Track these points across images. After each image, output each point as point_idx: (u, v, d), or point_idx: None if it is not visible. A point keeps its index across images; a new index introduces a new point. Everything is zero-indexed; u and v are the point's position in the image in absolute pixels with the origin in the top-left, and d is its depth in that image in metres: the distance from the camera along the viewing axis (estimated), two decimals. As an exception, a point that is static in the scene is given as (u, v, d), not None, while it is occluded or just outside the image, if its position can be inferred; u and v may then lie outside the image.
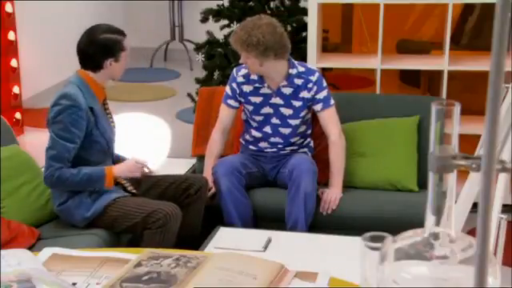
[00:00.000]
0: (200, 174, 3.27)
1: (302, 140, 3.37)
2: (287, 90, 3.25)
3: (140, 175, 2.99)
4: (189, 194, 3.08)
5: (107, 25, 2.98)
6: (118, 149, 3.14)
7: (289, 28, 4.43)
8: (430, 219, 0.90)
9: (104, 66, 2.89)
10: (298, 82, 3.24)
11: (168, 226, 2.78)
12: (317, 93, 3.24)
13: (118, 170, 2.93)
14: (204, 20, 4.57)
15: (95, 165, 2.90)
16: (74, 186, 2.85)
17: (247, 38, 3.10)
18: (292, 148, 3.34)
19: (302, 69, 3.25)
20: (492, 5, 1.33)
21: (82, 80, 2.90)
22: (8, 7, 5.21)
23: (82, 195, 2.88)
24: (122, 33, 2.96)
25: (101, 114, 2.93)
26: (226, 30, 4.61)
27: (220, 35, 4.64)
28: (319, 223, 3.19)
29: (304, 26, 4.27)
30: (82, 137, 2.83)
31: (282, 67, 3.21)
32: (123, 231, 2.90)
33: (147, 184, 3.10)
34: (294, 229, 3.11)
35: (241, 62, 3.22)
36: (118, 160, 3.08)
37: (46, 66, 6.31)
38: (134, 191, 3.03)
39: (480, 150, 2.23)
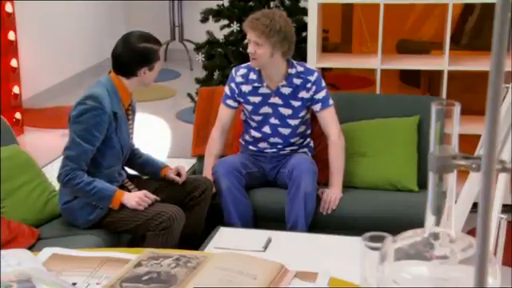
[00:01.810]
0: (204, 177, 3.26)
1: (301, 140, 3.37)
2: (286, 90, 3.25)
3: (143, 209, 2.88)
4: (193, 196, 3.08)
5: (144, 32, 2.97)
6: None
7: (289, 28, 4.43)
8: (429, 219, 0.90)
9: (138, 74, 2.89)
10: (297, 81, 3.24)
11: (171, 228, 2.78)
12: (316, 93, 3.24)
13: (126, 197, 2.86)
14: (204, 20, 4.58)
15: (106, 168, 2.89)
16: (81, 193, 2.83)
17: (270, 22, 3.09)
18: (292, 148, 3.34)
19: (300, 69, 3.25)
20: (492, 5, 1.33)
21: (112, 83, 2.90)
22: (8, 7, 5.21)
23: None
24: (158, 42, 2.96)
25: (123, 119, 2.92)
26: (226, 30, 4.61)
27: (220, 35, 4.64)
28: (319, 223, 3.19)
29: (304, 26, 4.27)
30: (101, 140, 2.82)
31: (282, 66, 3.22)
32: (125, 232, 2.91)
33: (153, 186, 3.08)
34: (294, 229, 3.11)
35: (249, 51, 3.13)
36: (153, 165, 3.16)
37: (46, 66, 6.31)
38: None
39: (480, 150, 2.23)
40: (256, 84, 3.26)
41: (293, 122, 3.28)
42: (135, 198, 2.84)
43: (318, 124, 3.33)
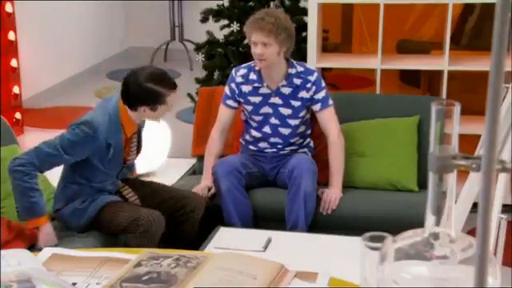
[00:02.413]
0: (196, 194, 3.20)
1: (301, 140, 3.36)
2: (286, 90, 3.24)
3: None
4: (184, 211, 3.07)
5: (159, 73, 2.89)
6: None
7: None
8: (430, 219, 0.90)
9: (138, 110, 2.85)
10: (297, 81, 3.24)
11: (150, 232, 2.80)
12: (315, 93, 3.24)
13: (41, 234, 2.78)
14: (204, 20, 4.57)
15: (97, 183, 2.89)
16: (19, 190, 2.75)
17: (275, 20, 3.08)
18: (292, 148, 3.34)
19: (300, 69, 3.25)
20: (492, 5, 1.33)
21: (117, 111, 2.86)
22: (8, 7, 5.21)
23: (75, 203, 2.90)
24: (171, 85, 2.86)
25: (118, 149, 2.88)
26: (226, 30, 4.61)
27: (220, 35, 4.64)
28: (319, 223, 3.19)
29: (304, 26, 4.27)
30: (78, 159, 2.82)
31: (283, 66, 3.22)
32: (116, 234, 2.93)
33: (146, 190, 3.10)
34: (294, 229, 3.11)
35: (257, 52, 3.10)
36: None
37: (46, 66, 6.31)
38: (135, 202, 3.04)
39: (480, 150, 2.23)
40: (256, 84, 3.26)
41: (293, 122, 3.28)
42: (43, 237, 2.78)
43: (318, 124, 3.33)
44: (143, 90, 2.80)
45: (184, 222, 3.07)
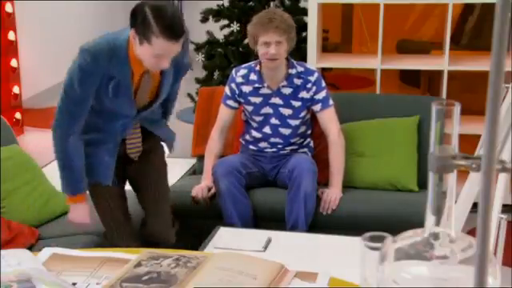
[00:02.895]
0: (170, 233, 2.96)
1: (301, 140, 3.37)
2: (287, 90, 3.25)
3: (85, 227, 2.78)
4: (151, 241, 2.82)
5: (173, 13, 2.41)
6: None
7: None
8: (430, 219, 0.90)
9: (130, 34, 2.45)
10: (298, 82, 3.24)
11: (107, 242, 2.80)
12: (316, 93, 3.24)
13: (74, 210, 2.69)
14: (204, 20, 4.58)
15: (103, 124, 2.64)
16: (56, 152, 2.59)
17: (282, 18, 3.13)
18: (292, 148, 3.34)
19: (301, 69, 3.26)
20: (492, 5, 1.33)
21: (125, 43, 2.49)
22: (8, 7, 5.21)
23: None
24: (166, 29, 2.36)
25: (124, 84, 2.53)
26: (226, 30, 4.61)
27: (220, 35, 4.64)
28: (319, 223, 3.19)
29: (304, 26, 4.27)
30: (87, 98, 2.54)
31: (284, 66, 3.22)
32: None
33: (142, 179, 2.88)
34: (294, 229, 3.11)
35: (272, 51, 3.09)
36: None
37: (45, 66, 6.31)
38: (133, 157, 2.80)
39: (480, 150, 2.23)
40: (256, 85, 3.26)
41: (293, 122, 3.28)
42: (79, 214, 2.69)
43: (318, 124, 3.33)
44: (140, 10, 2.39)
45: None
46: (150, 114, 2.73)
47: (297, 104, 3.25)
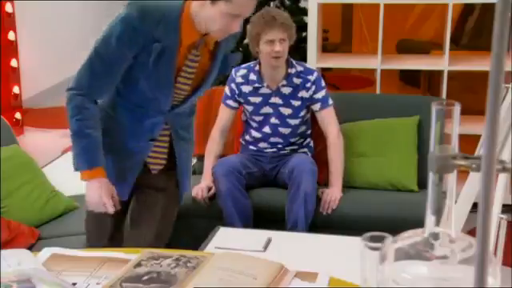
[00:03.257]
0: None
1: (301, 140, 3.37)
2: (286, 90, 3.25)
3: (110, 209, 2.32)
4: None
5: None
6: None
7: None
8: (430, 219, 0.90)
9: None
10: (297, 81, 3.24)
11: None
12: (315, 92, 3.24)
13: (91, 187, 2.27)
14: (204, 20, 4.57)
15: (133, 105, 2.31)
16: (71, 126, 2.29)
17: (284, 16, 3.16)
18: (292, 148, 3.34)
19: (300, 68, 3.26)
20: (492, 5, 1.33)
21: (179, 8, 2.18)
22: (8, 7, 5.21)
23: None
24: None
25: (169, 53, 2.19)
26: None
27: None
28: (319, 223, 3.19)
29: (304, 26, 4.27)
30: (120, 65, 2.22)
31: (283, 65, 3.23)
32: None
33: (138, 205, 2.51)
34: (294, 229, 3.11)
35: (278, 49, 3.10)
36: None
37: (45, 66, 6.31)
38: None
39: (480, 150, 2.23)
40: (256, 85, 3.27)
41: (293, 122, 3.28)
42: (96, 193, 2.27)
43: (318, 124, 3.33)
44: None
45: None
46: (182, 112, 2.38)
47: (296, 103, 3.26)
